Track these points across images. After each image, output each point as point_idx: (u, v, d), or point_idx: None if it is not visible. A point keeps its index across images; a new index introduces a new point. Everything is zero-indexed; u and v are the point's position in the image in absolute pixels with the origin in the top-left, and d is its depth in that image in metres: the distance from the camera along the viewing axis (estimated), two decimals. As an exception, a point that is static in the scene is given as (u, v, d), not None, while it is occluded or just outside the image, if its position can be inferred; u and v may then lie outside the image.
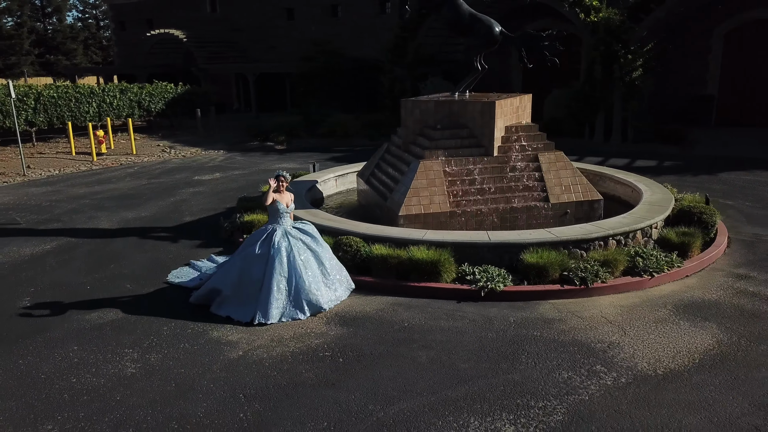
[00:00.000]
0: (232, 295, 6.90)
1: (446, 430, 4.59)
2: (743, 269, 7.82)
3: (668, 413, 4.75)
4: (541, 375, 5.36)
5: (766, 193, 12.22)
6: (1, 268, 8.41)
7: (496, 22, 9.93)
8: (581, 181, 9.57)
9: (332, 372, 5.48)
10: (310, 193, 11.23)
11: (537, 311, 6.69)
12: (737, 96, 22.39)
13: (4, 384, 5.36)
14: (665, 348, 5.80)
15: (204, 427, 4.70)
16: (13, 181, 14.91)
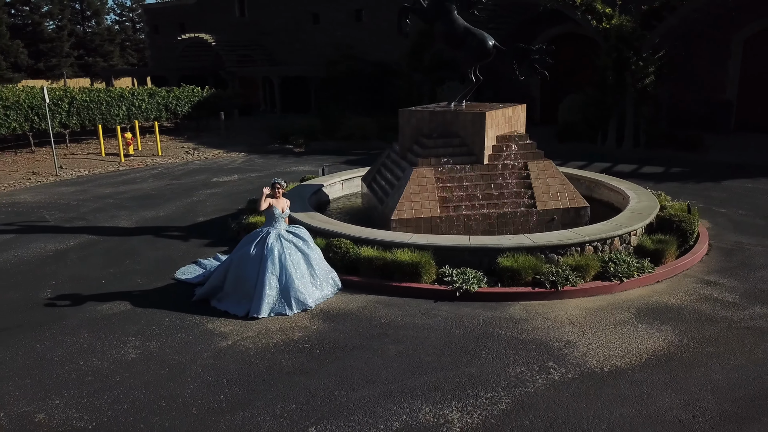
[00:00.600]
0: (230, 292, 7.59)
1: (399, 414, 5.16)
2: (714, 276, 8.18)
3: (603, 405, 5.24)
4: (495, 369, 5.88)
5: (764, 202, 12.41)
6: (28, 263, 9.26)
7: (489, 35, 10.41)
8: (568, 189, 10.00)
9: (308, 361, 6.10)
10: (316, 197, 11.88)
11: (507, 311, 7.20)
12: (757, 102, 22.30)
13: (23, 364, 6.12)
14: (617, 348, 6.26)
15: (188, 405, 5.36)
16: (46, 180, 15.93)
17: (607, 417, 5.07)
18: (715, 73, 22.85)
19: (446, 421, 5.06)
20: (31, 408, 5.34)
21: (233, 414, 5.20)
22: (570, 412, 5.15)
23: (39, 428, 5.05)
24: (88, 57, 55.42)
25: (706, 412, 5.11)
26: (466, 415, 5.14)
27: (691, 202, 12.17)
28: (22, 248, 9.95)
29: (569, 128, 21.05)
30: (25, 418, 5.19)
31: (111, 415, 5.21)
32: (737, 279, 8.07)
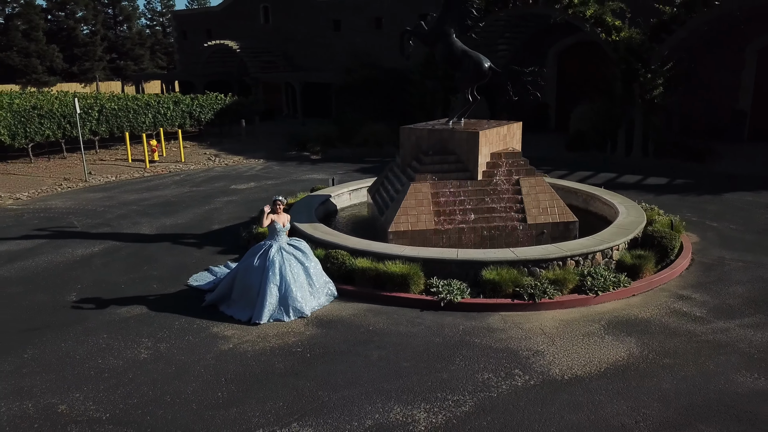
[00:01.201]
0: (237, 299, 8.34)
1: (372, 414, 5.83)
2: (688, 290, 8.67)
3: (556, 410, 5.83)
4: (465, 375, 6.51)
5: (758, 216, 12.75)
6: (57, 267, 10.15)
7: (486, 57, 10.99)
8: (558, 204, 10.54)
9: (299, 364, 6.80)
10: (324, 206, 12.61)
11: (486, 321, 7.81)
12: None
13: (49, 361, 6.94)
14: (581, 357, 6.83)
15: (189, 401, 6.10)
16: (75, 186, 16.96)
17: (557, 421, 5.67)
18: (728, 83, 22.99)
19: (413, 420, 5.71)
20: (55, 400, 6.14)
21: (228, 409, 5.93)
22: (525, 415, 5.76)
23: (61, 418, 5.84)
24: (120, 60, 57.15)
25: (648, 419, 5.67)
26: (432, 415, 5.79)
27: (686, 215, 12.65)
28: (52, 253, 10.86)
29: (580, 137, 21.44)
30: (49, 409, 5.99)
31: (122, 408, 5.98)
32: (709, 294, 8.54)
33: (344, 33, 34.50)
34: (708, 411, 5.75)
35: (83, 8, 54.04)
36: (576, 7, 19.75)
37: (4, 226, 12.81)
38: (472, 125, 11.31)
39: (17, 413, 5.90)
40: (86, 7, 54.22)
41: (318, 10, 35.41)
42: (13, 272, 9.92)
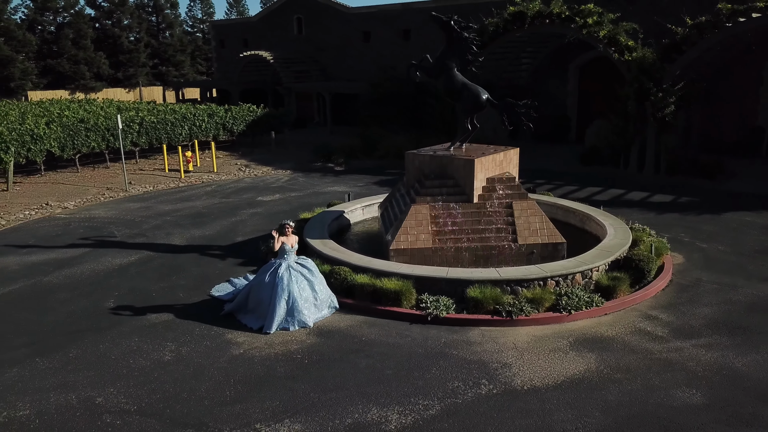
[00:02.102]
0: (250, 310, 9.53)
1: (353, 413, 6.90)
2: (657, 311, 9.48)
3: (509, 416, 6.80)
4: (438, 383, 7.53)
5: (749, 237, 13.34)
6: (98, 275, 11.53)
7: (484, 89, 11.94)
8: (548, 226, 11.43)
9: (297, 369, 7.92)
10: (338, 222, 13.75)
11: (466, 335, 8.80)
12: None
13: (89, 360, 8.22)
14: (542, 371, 7.77)
15: (202, 398, 7.28)
16: (117, 196, 18.50)
17: (508, 425, 6.64)
18: (747, 100, 23.31)
19: (386, 420, 6.77)
20: (93, 393, 7.40)
21: (233, 406, 7.09)
22: (482, 419, 6.75)
23: (97, 408, 7.09)
24: (162, 66, 59.53)
25: (587, 426, 6.59)
26: (403, 417, 6.83)
27: (680, 235, 13.39)
28: (94, 262, 12.26)
29: (595, 152, 22.09)
30: (89, 401, 7.24)
31: (147, 402, 7.20)
32: (675, 315, 9.34)
33: (373, 44, 35.66)
34: (641, 421, 6.64)
35: (129, 17, 56.50)
36: (590, 27, 20.43)
37: (54, 234, 14.32)
38: (473, 151, 12.27)
39: (63, 403, 7.17)
40: (131, 15, 56.69)
41: (348, 22, 36.67)
42: (60, 279, 11.33)
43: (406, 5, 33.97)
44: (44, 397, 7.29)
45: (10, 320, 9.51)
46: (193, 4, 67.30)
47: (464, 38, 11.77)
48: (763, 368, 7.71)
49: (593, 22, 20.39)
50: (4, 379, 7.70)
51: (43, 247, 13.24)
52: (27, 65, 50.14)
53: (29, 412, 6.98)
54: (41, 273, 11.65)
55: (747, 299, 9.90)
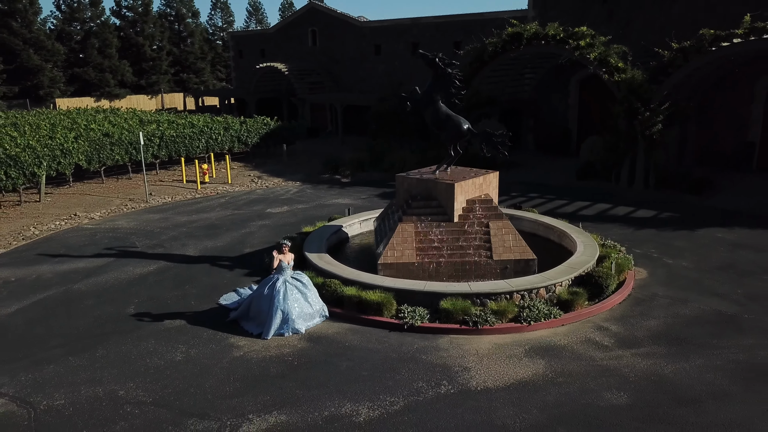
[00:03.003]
0: (251, 318, 10.94)
1: (330, 407, 8.25)
2: (608, 323, 10.69)
3: (460, 412, 8.10)
4: (405, 383, 8.84)
5: (715, 254, 14.42)
6: (121, 284, 13.04)
7: (465, 120, 13.22)
8: (521, 244, 12.67)
9: (287, 370, 9.30)
10: (337, 235, 15.13)
11: (436, 342, 10.10)
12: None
13: (113, 359, 9.68)
14: (497, 374, 9.05)
15: (206, 392, 8.68)
16: (138, 207, 20.09)
17: (458, 419, 7.94)
18: (739, 116, 24.21)
19: (357, 413, 8.10)
20: (116, 387, 8.85)
21: (231, 400, 8.48)
22: (437, 415, 8.06)
23: (120, 400, 8.53)
24: (183, 73, 61.52)
25: (524, 421, 7.86)
26: (371, 411, 8.16)
27: (650, 251, 14.57)
28: (117, 271, 13.79)
29: (589, 166, 23.19)
30: (112, 393, 8.69)
31: (161, 395, 8.62)
32: (624, 326, 10.55)
33: (384, 57, 37.04)
34: (570, 419, 7.90)
35: (152, 26, 58.55)
36: (583, 49, 21.58)
37: (82, 244, 15.91)
38: (456, 174, 13.55)
39: (91, 395, 8.63)
40: (154, 24, 58.74)
41: (361, 35, 38.09)
42: (88, 287, 12.87)
43: (415, 20, 35.29)
44: (76, 390, 8.76)
45: (46, 324, 11.04)
46: (214, 13, 69.26)
47: (448, 74, 13.04)
48: (689, 375, 8.91)
49: (585, 45, 21.53)
50: (43, 375, 9.20)
51: (73, 257, 14.82)
52: (55, 74, 52.39)
53: (64, 402, 8.45)
54: (71, 281, 13.20)
55: (693, 313, 11.06)
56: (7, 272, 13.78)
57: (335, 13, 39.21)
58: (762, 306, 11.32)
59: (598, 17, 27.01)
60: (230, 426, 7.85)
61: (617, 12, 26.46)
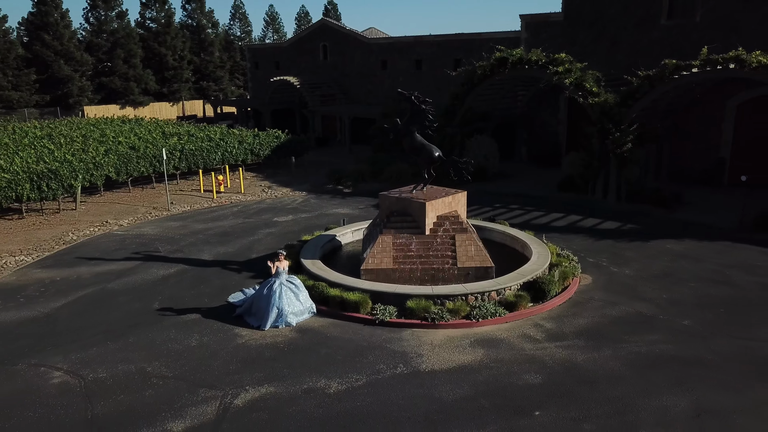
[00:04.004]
0: (253, 313, 13.40)
1: (309, 382, 10.64)
2: (545, 321, 12.97)
3: (409, 387, 10.45)
4: (370, 365, 11.22)
5: (658, 264, 16.55)
6: (147, 284, 15.59)
7: (437, 148, 15.56)
8: (482, 253, 14.98)
9: (278, 354, 11.73)
10: (331, 243, 17.56)
11: (400, 334, 12.47)
12: (748, 159, 25.47)
13: (142, 344, 12.19)
14: (444, 360, 11.38)
15: (214, 370, 11.15)
16: (161, 215, 22.71)
17: (406, 392, 10.29)
18: (712, 133, 26.24)
19: (328, 387, 10.50)
20: (145, 365, 11.35)
21: (233, 375, 10.94)
22: (390, 389, 10.43)
23: (148, 375, 11.02)
24: (203, 81, 64.48)
25: (457, 395, 10.18)
26: (339, 385, 10.55)
27: (602, 259, 16.80)
28: (144, 273, 16.36)
29: (569, 180, 25.35)
30: (142, 369, 11.19)
31: (180, 371, 11.11)
32: (556, 324, 12.81)
33: (390, 72, 39.45)
34: (492, 393, 10.21)
35: (174, 37, 61.57)
36: (561, 74, 23.76)
37: (113, 249, 18.53)
38: (431, 193, 15.87)
39: (126, 370, 11.15)
40: (176, 35, 61.75)
41: (368, 50, 40.53)
42: (120, 286, 15.45)
43: (418, 38, 37.65)
44: (114, 366, 11.29)
45: (88, 316, 13.62)
46: (233, 23, 72.22)
47: (422, 110, 15.40)
48: (595, 362, 11.17)
49: (563, 70, 23.71)
50: (89, 355, 11.75)
51: (106, 260, 17.44)
52: (84, 83, 55.57)
53: (105, 375, 10.98)
54: (106, 281, 15.79)
55: (618, 314, 13.29)
56: (53, 273, 16.43)
57: (344, 29, 41.69)
58: (678, 309, 13.51)
59: (586, 39, 29.18)
60: (231, 394, 10.31)
61: (603, 34, 28.59)
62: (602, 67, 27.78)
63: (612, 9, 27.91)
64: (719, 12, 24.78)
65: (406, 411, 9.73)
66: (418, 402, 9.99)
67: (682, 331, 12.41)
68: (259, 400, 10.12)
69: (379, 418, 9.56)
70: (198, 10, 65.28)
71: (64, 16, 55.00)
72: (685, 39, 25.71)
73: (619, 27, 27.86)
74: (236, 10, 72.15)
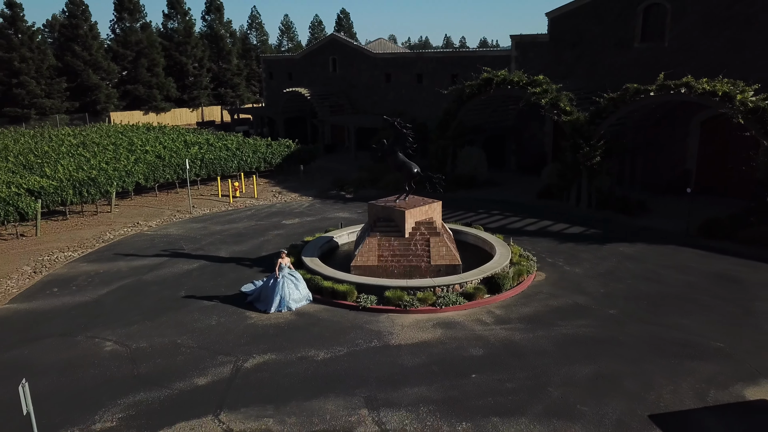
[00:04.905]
0: (261, 300, 16.54)
1: (301, 351, 13.74)
2: (496, 309, 15.92)
3: (379, 356, 13.49)
4: (351, 340, 14.27)
5: (606, 264, 19.39)
6: (174, 276, 18.79)
7: (416, 165, 18.59)
8: (451, 253, 17.97)
9: (279, 331, 14.84)
10: (329, 244, 20.66)
11: (378, 318, 15.51)
12: (711, 170, 28.18)
13: (172, 323, 15.36)
14: (408, 336, 14.40)
15: (229, 342, 14.28)
16: (184, 217, 25.97)
17: (375, 360, 13.32)
18: (678, 147, 28.95)
19: (316, 355, 13.57)
20: (175, 338, 14.52)
21: (244, 346, 14.06)
22: (363, 357, 13.47)
23: (178, 345, 14.17)
24: (221, 88, 68.01)
25: (416, 363, 13.17)
26: (325, 354, 13.63)
27: (559, 260, 19.63)
28: (171, 267, 19.57)
29: (548, 189, 28.22)
30: (173, 341, 14.35)
31: (202, 343, 14.26)
32: (506, 311, 15.78)
33: (393, 85, 42.49)
34: (442, 361, 13.21)
35: (194, 46, 65.14)
36: (538, 95, 26.65)
37: (144, 246, 21.79)
38: (411, 203, 18.87)
39: (160, 342, 14.32)
40: (196, 45, 65.33)
41: (374, 64, 43.60)
42: (152, 277, 18.67)
43: (419, 54, 40.67)
44: (151, 339, 14.47)
45: (128, 302, 16.84)
46: (250, 32, 75.71)
47: (404, 133, 18.45)
48: (529, 341, 14.12)
49: (540, 91, 26.60)
50: (131, 331, 14.94)
51: (140, 256, 20.70)
52: (110, 90, 59.30)
53: (146, 345, 14.17)
54: (140, 273, 19.03)
55: (558, 304, 16.22)
56: (96, 266, 19.72)
57: (352, 44, 44.83)
58: (609, 301, 16.41)
59: (569, 59, 32.03)
60: (242, 359, 13.44)
61: (584, 55, 31.41)
62: (584, 84, 30.72)
63: (591, 33, 30.73)
64: (684, 38, 27.53)
65: (374, 373, 12.79)
66: (384, 367, 13.04)
67: (606, 318, 15.32)
68: (262, 364, 13.24)
69: (353, 377, 12.63)
70: (217, 21, 68.81)
71: (92, 28, 58.78)
72: (656, 61, 28.44)
73: (598, 49, 30.66)
74: (253, 20, 75.68)
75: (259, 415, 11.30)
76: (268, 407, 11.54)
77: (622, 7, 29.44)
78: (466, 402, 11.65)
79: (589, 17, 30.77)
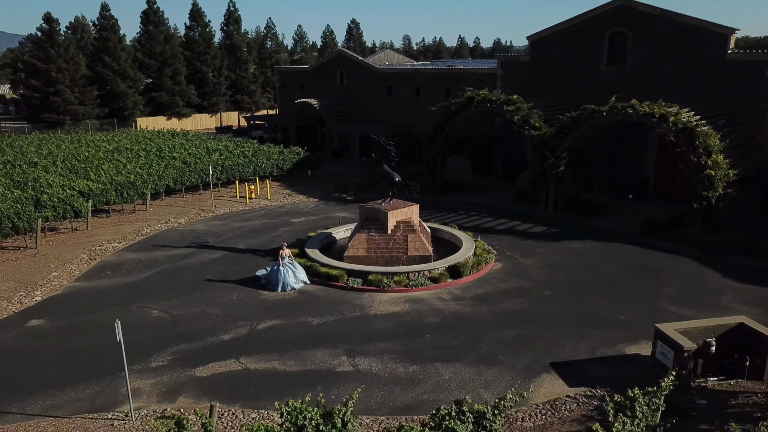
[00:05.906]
0: (271, 283, 20.96)
1: (301, 318, 18.10)
2: (455, 290, 20.15)
3: (360, 322, 17.81)
4: (339, 311, 18.61)
5: (554, 257, 23.55)
6: (202, 263, 23.26)
7: (397, 174, 22.90)
8: (425, 246, 22.26)
9: (285, 305, 19.23)
10: (327, 239, 25.06)
11: (362, 296, 19.84)
12: (666, 179, 32.16)
13: (201, 298, 19.80)
14: (385, 309, 18.70)
15: (247, 312, 18.68)
16: (207, 216, 30.49)
17: (357, 325, 17.65)
18: (638, 157, 32.98)
19: (312, 321, 17.92)
20: (205, 309, 18.95)
21: (258, 315, 18.46)
22: (348, 323, 17.80)
23: (207, 314, 18.60)
24: (238, 95, 72.72)
25: (385, 327, 17.49)
26: (319, 320, 17.98)
27: (516, 253, 23.85)
28: (199, 256, 24.07)
29: (521, 194, 32.38)
30: (203, 311, 18.77)
31: (226, 312, 18.68)
32: (462, 292, 20.00)
33: (394, 97, 46.80)
34: (406, 326, 17.49)
35: (213, 56, 69.92)
36: (512, 112, 30.84)
37: (176, 239, 26.33)
38: (394, 205, 23.17)
39: (194, 311, 18.76)
40: (216, 55, 70.10)
41: (377, 78, 47.94)
42: (184, 264, 23.16)
43: (417, 70, 44.92)
44: (187, 309, 18.93)
45: (167, 283, 21.35)
46: (265, 41, 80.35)
47: (388, 150, 22.77)
48: (475, 313, 18.36)
49: (514, 109, 30.78)
50: (171, 303, 19.42)
51: (173, 247, 25.22)
52: (136, 98, 64.22)
53: (183, 313, 18.64)
54: (175, 261, 23.54)
55: (505, 287, 20.42)
56: (139, 255, 24.29)
57: (357, 59, 49.20)
58: (547, 286, 20.59)
59: (546, 79, 36.15)
60: (256, 323, 17.84)
61: (559, 76, 35.50)
62: (558, 101, 34.80)
63: (564, 57, 34.83)
64: (642, 63, 31.56)
65: (354, 334, 17.13)
66: (362, 330, 17.38)
67: (540, 298, 19.53)
68: (271, 327, 17.65)
69: (338, 336, 16.98)
70: (235, 32, 73.52)
71: (120, 41, 63.72)
72: (619, 82, 32.49)
73: (570, 71, 34.75)
74: (268, 31, 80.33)
75: (268, 359, 15.70)
76: (274, 354, 15.94)
77: (590, 33, 33.52)
78: (420, 353, 15.96)
79: (563, 42, 34.87)
